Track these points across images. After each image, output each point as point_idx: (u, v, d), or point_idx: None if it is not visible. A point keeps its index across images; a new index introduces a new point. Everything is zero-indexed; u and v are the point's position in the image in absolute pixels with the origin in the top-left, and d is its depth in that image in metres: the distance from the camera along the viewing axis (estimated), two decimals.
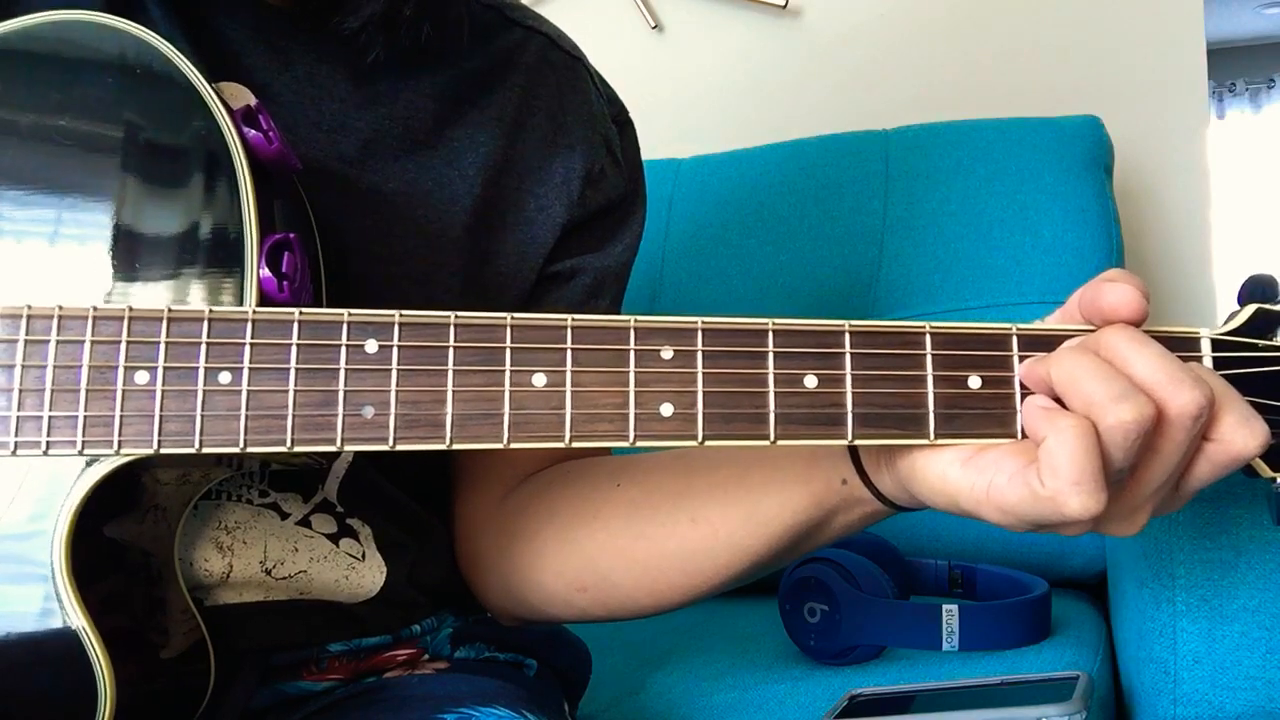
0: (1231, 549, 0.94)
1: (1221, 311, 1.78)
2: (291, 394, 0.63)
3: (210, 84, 0.69)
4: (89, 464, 0.64)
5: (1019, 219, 1.51)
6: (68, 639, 0.64)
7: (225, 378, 0.63)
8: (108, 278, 0.66)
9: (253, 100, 0.73)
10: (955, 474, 0.65)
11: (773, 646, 1.22)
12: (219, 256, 0.67)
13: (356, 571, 0.85)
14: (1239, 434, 0.62)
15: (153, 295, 0.66)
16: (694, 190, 1.69)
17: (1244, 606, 0.93)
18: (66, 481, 0.64)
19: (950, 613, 1.12)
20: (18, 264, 0.67)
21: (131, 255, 0.67)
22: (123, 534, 0.69)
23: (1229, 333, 0.67)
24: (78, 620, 0.64)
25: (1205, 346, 0.67)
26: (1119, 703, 1.10)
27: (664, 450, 0.89)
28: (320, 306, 0.73)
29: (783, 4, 1.97)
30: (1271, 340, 0.67)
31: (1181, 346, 0.66)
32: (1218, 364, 0.66)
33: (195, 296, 0.67)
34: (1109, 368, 0.61)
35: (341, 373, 0.63)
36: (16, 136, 0.68)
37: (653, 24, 2.04)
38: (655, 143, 1.18)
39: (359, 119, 0.87)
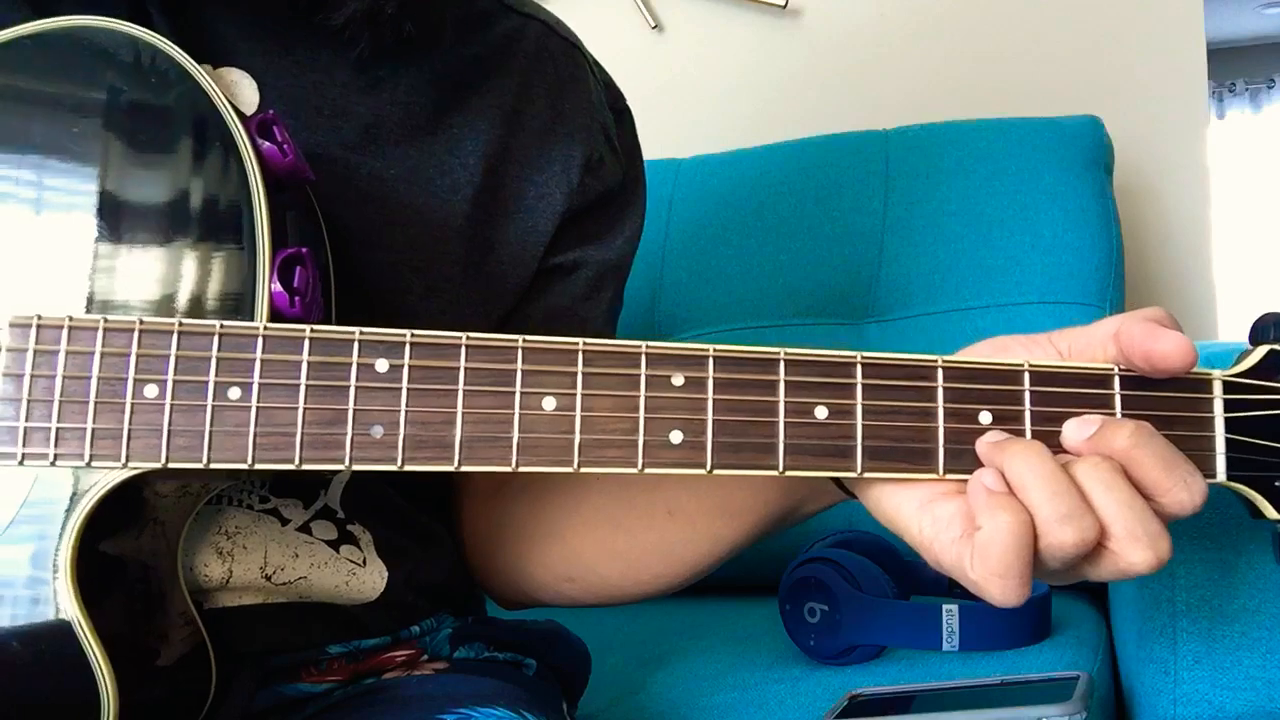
0: (1231, 549, 0.94)
1: (1222, 312, 1.79)
2: (301, 411, 0.63)
3: (213, 75, 0.69)
4: (96, 476, 0.64)
5: (1019, 219, 1.51)
6: (71, 649, 0.64)
7: (235, 393, 0.63)
8: (118, 288, 0.67)
9: (255, 90, 0.73)
10: (909, 512, 0.66)
11: (773, 646, 1.22)
12: (231, 270, 0.67)
13: (357, 577, 0.85)
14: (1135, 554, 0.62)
15: (164, 307, 0.66)
16: (694, 190, 1.69)
17: (1244, 606, 0.93)
18: (72, 493, 0.64)
19: (950, 613, 1.13)
20: (26, 275, 0.67)
21: (143, 265, 0.67)
22: (122, 549, 0.69)
23: (1240, 374, 0.67)
24: (81, 631, 0.64)
25: (1217, 389, 0.66)
26: (1119, 703, 1.10)
27: None
28: (331, 320, 0.73)
29: (783, 4, 1.97)
30: None
31: (1193, 389, 0.66)
32: (1229, 406, 0.66)
33: (206, 310, 0.67)
34: (1059, 480, 0.61)
35: (351, 391, 0.63)
36: (29, 142, 0.68)
37: (653, 24, 2.04)
38: (655, 143, 1.18)
39: (359, 105, 0.87)
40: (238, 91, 0.77)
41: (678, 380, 0.64)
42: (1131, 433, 0.62)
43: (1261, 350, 0.67)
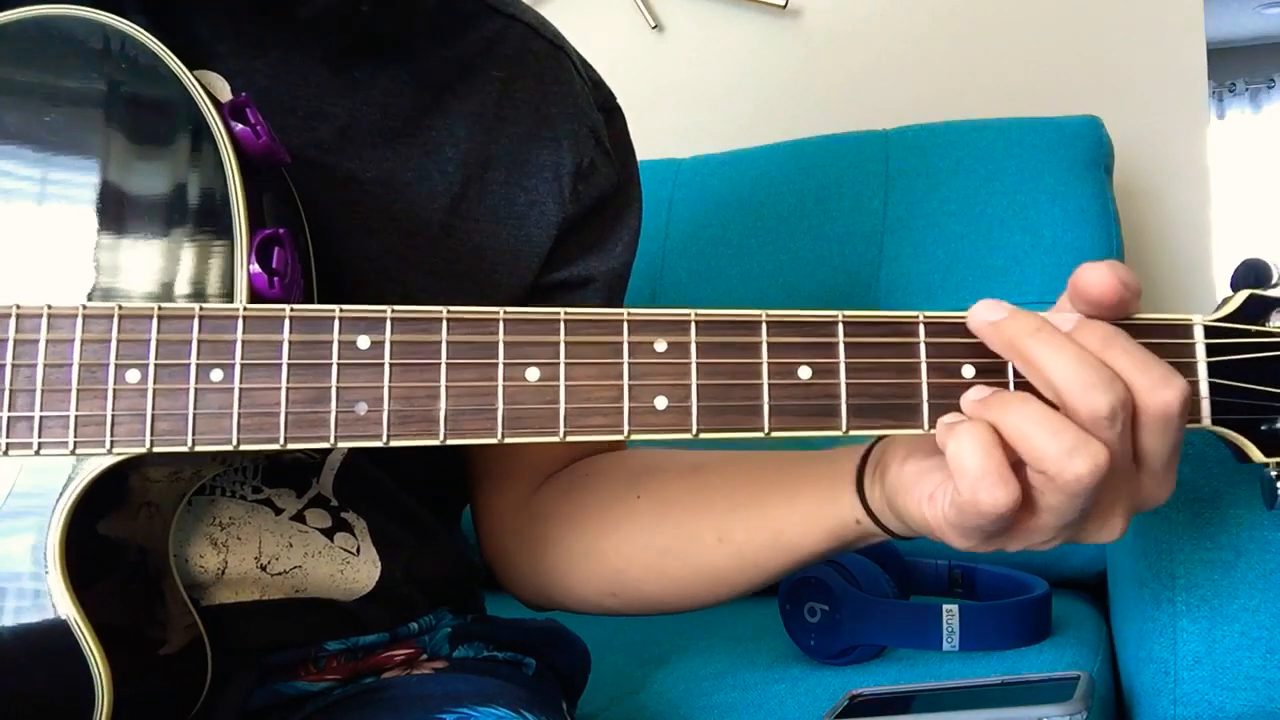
0: (1231, 549, 0.94)
1: None
2: (284, 391, 0.63)
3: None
4: (81, 463, 0.64)
5: (1019, 219, 1.51)
6: (64, 638, 0.64)
7: (217, 375, 0.63)
8: (97, 274, 0.66)
9: (228, 91, 0.73)
10: (924, 511, 0.68)
11: (773, 646, 1.21)
12: (208, 253, 0.67)
13: (351, 566, 0.85)
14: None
15: (143, 292, 0.66)
16: (694, 190, 1.69)
17: (1244, 606, 0.93)
18: (59, 481, 0.64)
19: (950, 613, 1.12)
20: (3, 264, 0.67)
21: (120, 251, 0.67)
22: (116, 531, 0.69)
23: (1222, 319, 0.68)
24: (73, 619, 0.64)
25: (1198, 334, 0.67)
26: (1119, 703, 1.10)
27: (667, 449, 0.91)
28: (311, 301, 0.73)
29: (783, 4, 1.97)
30: (1264, 326, 0.67)
31: (1174, 334, 0.67)
32: (1211, 350, 0.67)
33: (186, 293, 0.67)
34: (1054, 418, 0.62)
35: (334, 369, 0.64)
36: (1, 132, 0.68)
37: (653, 24, 2.04)
38: (655, 143, 1.18)
39: (335, 105, 0.86)
40: (214, 93, 0.76)
41: (660, 346, 0.65)
42: (1104, 332, 0.65)
43: (1242, 295, 0.68)
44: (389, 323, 0.64)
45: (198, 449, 0.63)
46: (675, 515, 0.86)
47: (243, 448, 0.63)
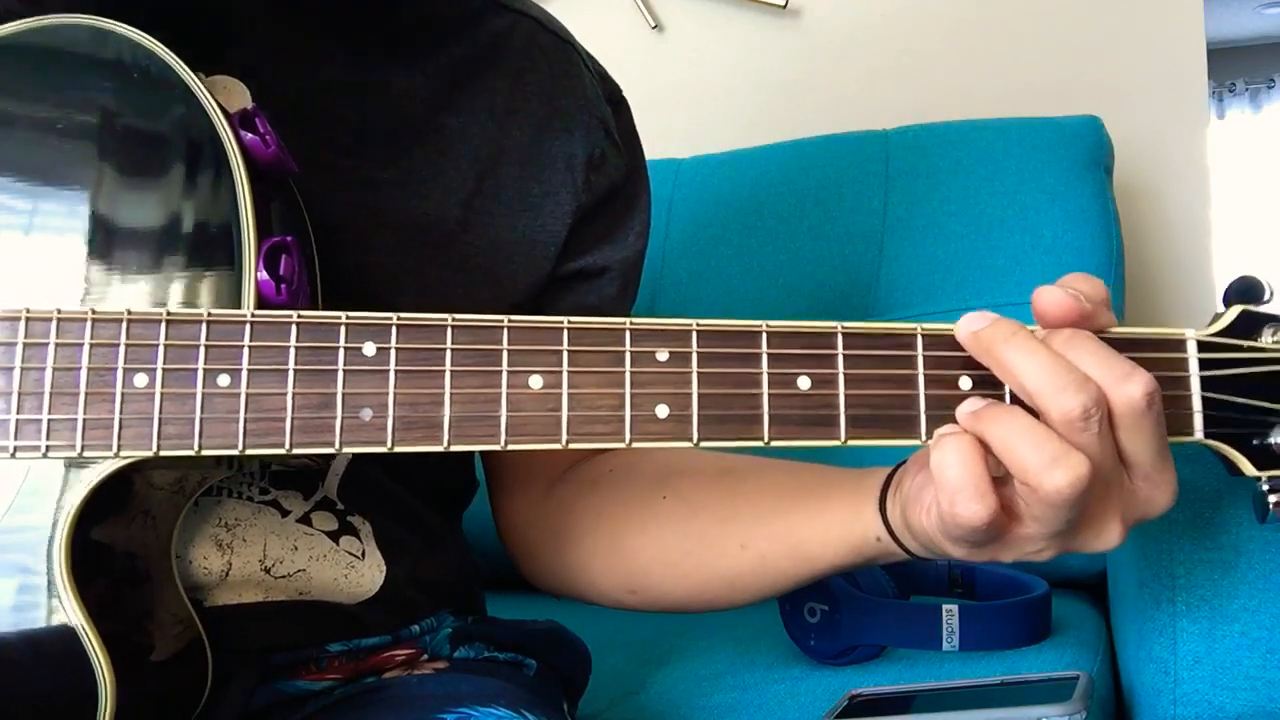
0: (1231, 549, 0.94)
1: None
2: (290, 396, 0.64)
3: (204, 81, 0.70)
4: (87, 467, 0.65)
5: (1019, 219, 1.51)
6: (68, 640, 0.65)
7: (224, 380, 0.64)
8: (105, 281, 0.67)
9: (247, 95, 0.73)
10: (924, 522, 0.69)
11: (773, 646, 1.21)
12: (217, 260, 0.68)
13: (356, 570, 0.85)
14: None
15: (151, 298, 0.67)
16: (694, 190, 1.69)
17: (1244, 606, 0.93)
18: (66, 484, 0.65)
19: (950, 613, 1.12)
20: (9, 267, 0.67)
21: (129, 258, 0.67)
22: (109, 537, 0.69)
23: (1214, 334, 0.69)
24: (78, 621, 0.64)
25: (1191, 348, 0.68)
26: (1119, 703, 1.10)
27: (683, 452, 0.91)
28: (317, 308, 0.73)
29: (783, 4, 1.97)
30: (1256, 341, 0.68)
31: (1167, 348, 0.68)
32: (1204, 365, 0.68)
33: (194, 299, 0.67)
34: (1038, 430, 0.63)
35: (340, 375, 0.64)
36: (11, 138, 0.68)
37: (653, 24, 2.04)
38: (655, 143, 1.18)
39: (350, 108, 0.87)
40: (229, 97, 0.77)
41: (662, 355, 0.65)
42: (1067, 334, 0.66)
43: (1235, 310, 0.69)
44: (394, 329, 0.65)
45: (204, 453, 0.64)
46: (701, 520, 0.86)
47: (249, 452, 0.64)
